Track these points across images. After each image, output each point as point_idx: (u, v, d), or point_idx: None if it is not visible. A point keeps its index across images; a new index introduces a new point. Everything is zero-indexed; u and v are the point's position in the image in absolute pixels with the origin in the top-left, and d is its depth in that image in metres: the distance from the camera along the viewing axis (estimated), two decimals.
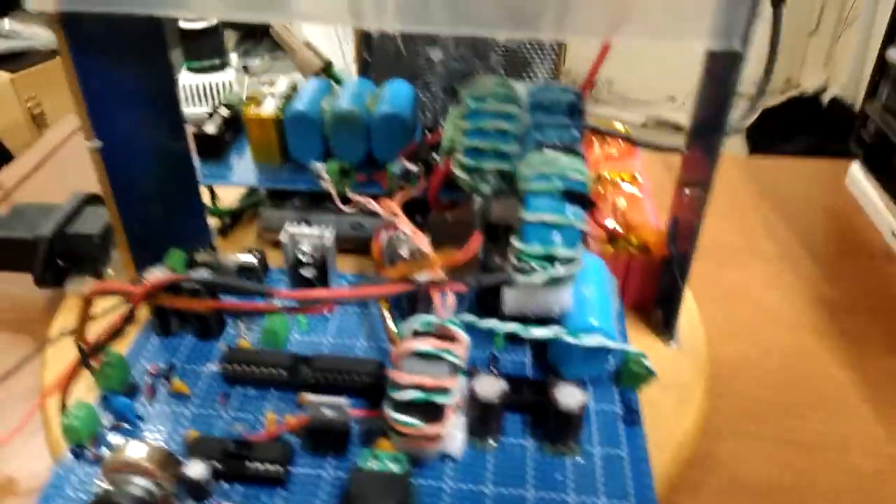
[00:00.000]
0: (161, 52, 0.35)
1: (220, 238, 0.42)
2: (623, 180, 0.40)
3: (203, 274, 0.31)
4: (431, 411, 0.26)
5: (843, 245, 0.47)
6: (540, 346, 0.34)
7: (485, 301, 0.34)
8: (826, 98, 2.02)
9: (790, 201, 0.51)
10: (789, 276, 0.44)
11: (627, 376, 0.31)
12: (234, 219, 0.43)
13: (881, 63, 1.61)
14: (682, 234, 0.34)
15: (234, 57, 1.60)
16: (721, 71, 0.29)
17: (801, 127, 1.78)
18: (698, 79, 0.32)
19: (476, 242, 0.30)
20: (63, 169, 0.56)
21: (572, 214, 0.28)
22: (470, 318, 0.30)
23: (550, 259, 0.28)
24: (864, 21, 1.87)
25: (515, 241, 0.29)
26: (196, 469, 0.26)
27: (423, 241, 0.31)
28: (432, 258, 0.29)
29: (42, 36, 1.73)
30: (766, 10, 0.28)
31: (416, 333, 0.27)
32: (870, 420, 0.34)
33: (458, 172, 0.32)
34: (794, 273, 0.44)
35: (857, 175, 0.52)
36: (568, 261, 0.28)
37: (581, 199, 0.28)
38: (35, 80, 1.40)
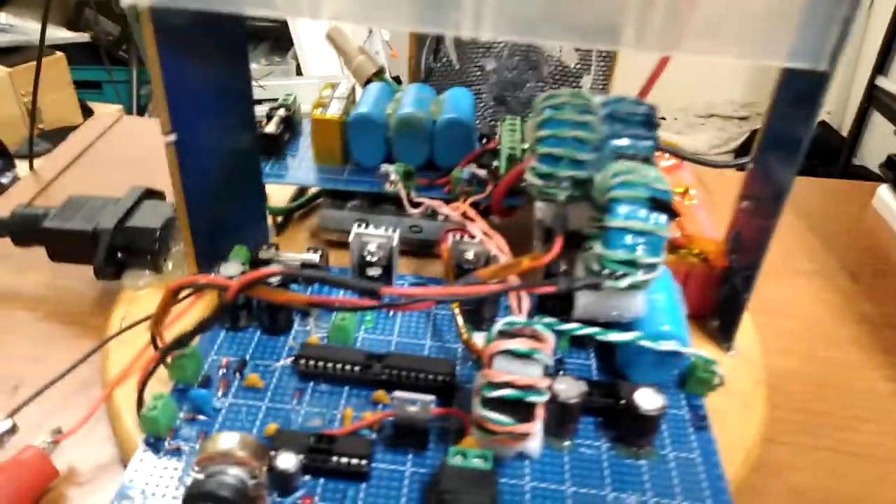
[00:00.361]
0: (241, 52, 0.35)
1: (275, 237, 0.43)
2: (677, 193, 0.41)
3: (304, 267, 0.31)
4: (521, 410, 0.26)
5: (877, 264, 0.48)
6: (605, 351, 0.34)
7: (544, 305, 0.34)
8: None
9: (822, 221, 0.53)
10: (830, 292, 0.45)
11: (695, 382, 0.32)
12: (286, 218, 0.44)
13: (871, 90, 1.63)
14: (746, 246, 0.34)
15: None
16: (801, 90, 0.30)
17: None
18: (771, 91, 0.33)
19: (559, 245, 0.31)
20: (99, 164, 0.56)
21: (656, 222, 0.29)
22: (548, 320, 0.31)
23: (633, 265, 0.29)
24: (851, 49, 1.92)
25: (598, 247, 0.29)
26: (286, 460, 0.26)
27: (501, 243, 0.31)
28: (522, 260, 0.29)
29: (38, 31, 1.71)
30: None
31: (502, 334, 0.28)
32: None
33: (531, 178, 0.33)
34: (834, 290, 0.45)
35: (885, 197, 0.54)
36: (650, 267, 0.29)
37: (665, 207, 0.29)
38: (32, 75, 1.39)
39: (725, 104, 2.24)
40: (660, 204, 0.29)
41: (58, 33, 1.75)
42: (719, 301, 0.36)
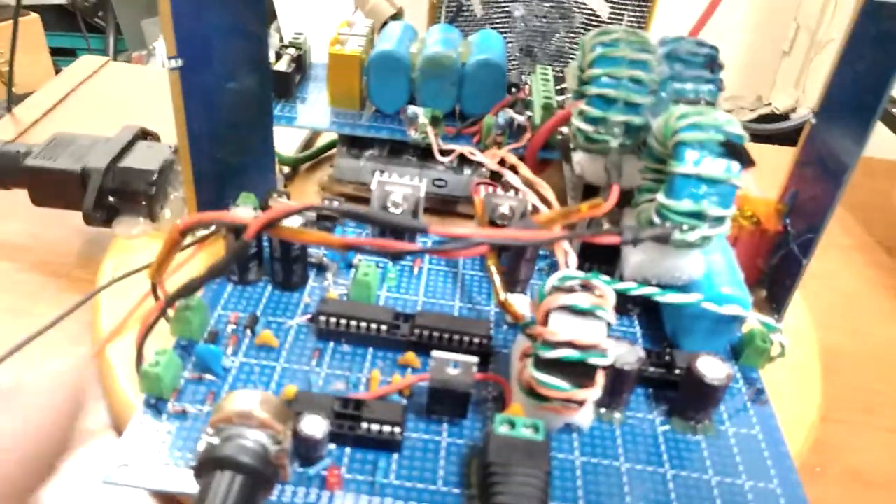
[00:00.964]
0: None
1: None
2: None
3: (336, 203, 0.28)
4: (582, 373, 0.23)
5: None
6: (651, 317, 0.31)
7: (582, 267, 0.31)
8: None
9: (852, 195, 0.50)
10: (869, 266, 0.42)
11: (751, 352, 0.29)
12: (294, 169, 0.40)
13: None
14: (806, 210, 0.32)
15: None
16: (885, 30, 0.27)
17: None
18: (842, 39, 0.30)
19: (615, 193, 0.28)
20: (85, 108, 0.52)
21: (728, 169, 0.25)
22: (602, 278, 0.28)
23: (699, 217, 0.26)
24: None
25: (661, 197, 0.26)
26: (313, 425, 0.23)
27: (547, 192, 0.28)
28: (581, 207, 0.26)
29: None
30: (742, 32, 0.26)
31: (557, 289, 0.25)
32: None
33: (579, 123, 0.30)
34: (873, 265, 0.43)
35: None
36: (718, 221, 0.26)
37: (740, 153, 0.25)
38: (4, 36, 1.32)
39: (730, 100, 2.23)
40: (734, 149, 0.26)
41: None
42: (770, 269, 0.34)
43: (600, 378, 0.24)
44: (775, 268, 0.33)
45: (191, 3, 0.28)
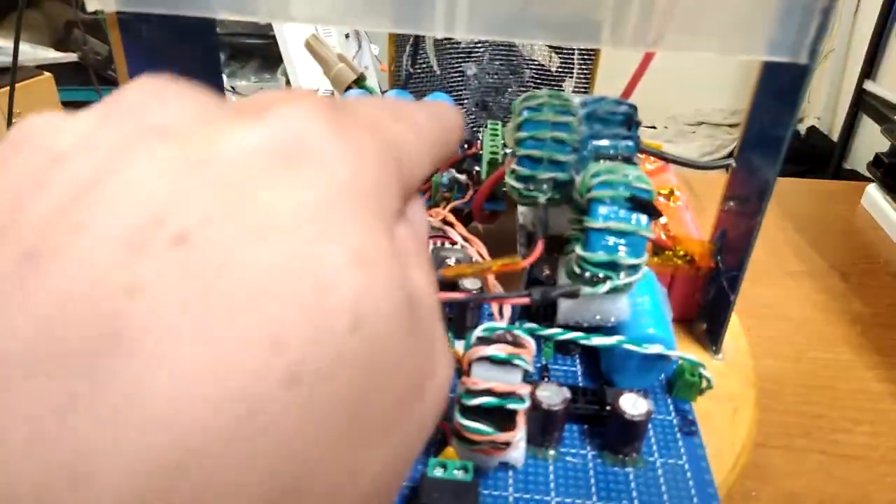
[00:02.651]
0: (213, 62, 0.35)
1: None
2: (661, 195, 0.40)
3: None
4: (502, 418, 0.25)
5: (867, 263, 0.48)
6: (590, 357, 0.33)
7: (527, 311, 0.33)
8: (803, 127, 2.08)
9: (809, 221, 0.52)
10: (820, 293, 0.44)
11: (682, 386, 0.31)
12: None
13: (859, 94, 1.65)
14: (732, 247, 0.34)
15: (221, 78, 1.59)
16: (782, 85, 0.29)
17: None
18: (751, 92, 0.32)
19: (540, 247, 0.30)
20: None
21: (637, 222, 0.28)
22: (530, 325, 0.30)
23: (614, 267, 0.28)
24: (839, 54, 1.93)
25: (578, 249, 0.29)
26: None
27: (481, 248, 0.30)
28: (493, 262, 0.29)
29: (27, 52, 1.71)
30: None
31: (481, 340, 0.27)
32: None
33: (511, 181, 0.32)
34: (824, 290, 0.44)
35: (874, 196, 0.53)
36: (633, 269, 0.28)
37: (647, 206, 0.28)
38: (20, 96, 1.38)
39: (714, 112, 2.25)
40: (641, 203, 0.28)
41: (46, 54, 1.75)
42: (706, 303, 0.36)
43: (521, 421, 0.26)
44: (711, 303, 0.35)
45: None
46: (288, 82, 1.80)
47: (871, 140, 1.68)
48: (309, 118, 0.11)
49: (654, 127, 2.27)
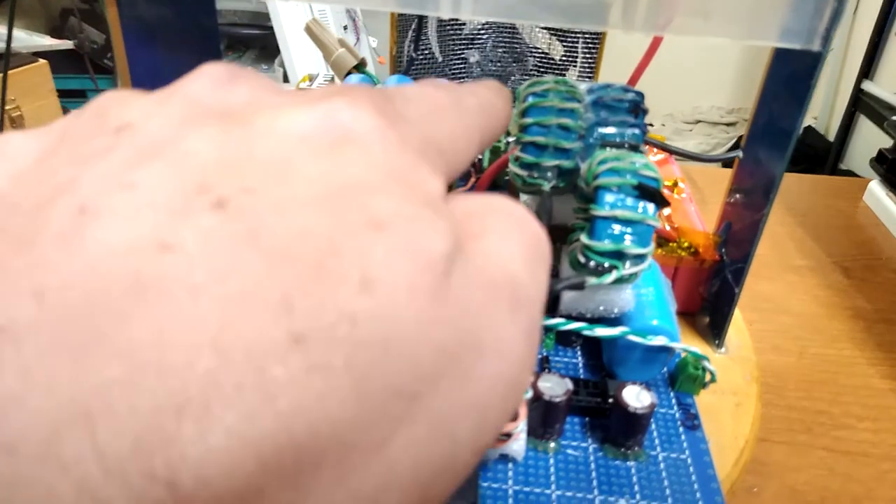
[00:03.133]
0: (212, 43, 0.34)
1: None
2: (666, 187, 0.39)
3: None
4: None
5: (869, 259, 0.47)
6: (592, 348, 0.33)
7: None
8: (800, 127, 2.08)
9: (812, 216, 0.52)
10: (822, 288, 0.44)
11: (685, 380, 0.31)
12: None
13: (857, 95, 1.65)
14: (737, 240, 0.33)
15: None
16: (793, 72, 0.29)
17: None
18: (760, 81, 0.32)
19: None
20: None
21: (644, 210, 0.27)
22: None
23: (620, 256, 0.28)
24: (837, 54, 1.93)
25: (583, 238, 0.28)
26: None
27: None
28: None
29: (23, 39, 1.70)
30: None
31: None
32: None
33: (515, 169, 0.32)
34: (826, 286, 0.44)
35: (876, 192, 0.53)
36: (639, 259, 0.28)
37: (654, 195, 0.27)
38: (14, 83, 1.37)
39: (712, 110, 2.25)
40: (648, 192, 0.27)
41: (41, 41, 1.73)
42: (709, 296, 0.35)
43: (522, 412, 0.25)
44: (714, 296, 0.35)
45: (149, 69, 0.30)
46: (285, 73, 1.79)
47: (868, 140, 1.68)
48: (359, 109, 0.11)
49: (651, 124, 2.27)
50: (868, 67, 1.64)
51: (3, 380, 0.08)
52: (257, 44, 1.91)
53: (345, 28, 1.63)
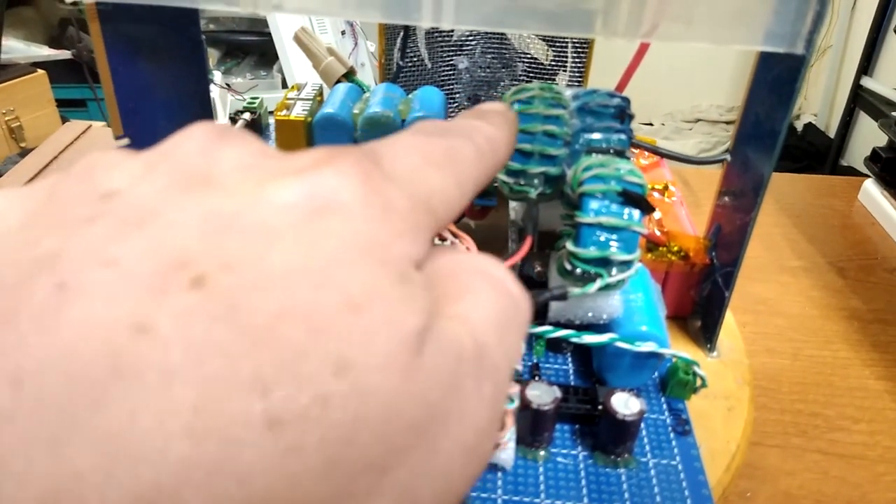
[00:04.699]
0: (197, 56, 0.34)
1: None
2: (656, 190, 0.39)
3: None
4: None
5: (864, 259, 0.47)
6: (582, 355, 0.33)
7: None
8: (800, 124, 2.07)
9: (806, 216, 0.51)
10: (817, 289, 0.43)
11: (675, 385, 0.31)
12: None
13: (856, 91, 1.65)
14: (727, 243, 0.33)
15: (216, 74, 1.58)
16: (778, 75, 0.29)
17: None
18: (746, 84, 0.32)
19: (527, 245, 0.29)
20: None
21: (629, 217, 0.27)
22: None
23: (605, 263, 0.27)
24: (836, 50, 1.93)
25: (569, 245, 0.28)
26: None
27: (470, 244, 0.30)
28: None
29: (21, 49, 1.70)
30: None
31: None
32: None
33: (501, 176, 0.31)
34: (821, 286, 0.44)
35: (871, 191, 0.52)
36: (624, 265, 0.28)
37: (639, 201, 0.27)
38: (13, 93, 1.38)
39: (711, 109, 2.24)
40: (632, 198, 0.27)
41: (40, 51, 1.74)
42: (701, 300, 0.35)
43: (510, 421, 0.25)
44: (705, 299, 0.35)
45: (134, 83, 0.30)
46: (283, 79, 1.79)
47: (868, 136, 1.68)
48: (344, 176, 0.11)
49: (650, 124, 2.27)
50: (867, 63, 1.64)
51: None
52: (256, 50, 1.91)
53: (342, 33, 1.63)
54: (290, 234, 0.10)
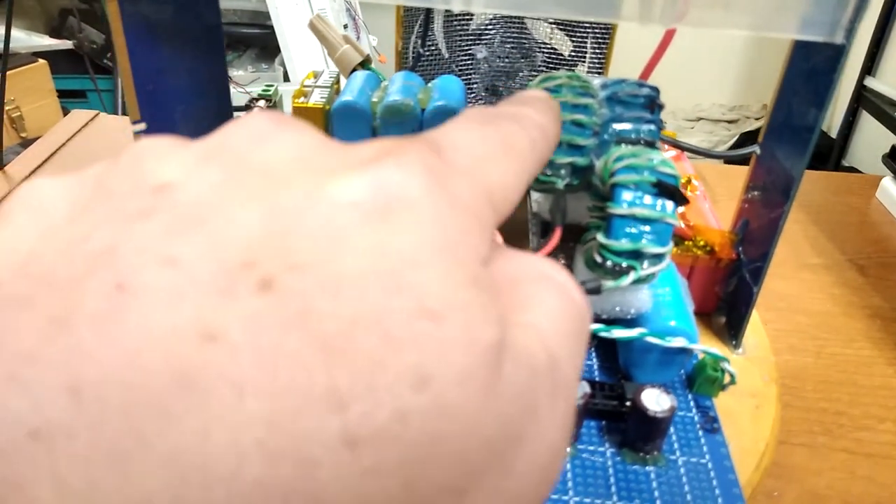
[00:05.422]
0: (215, 40, 0.33)
1: None
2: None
3: None
4: None
5: (884, 257, 0.46)
6: (607, 350, 0.32)
7: None
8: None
9: (825, 213, 0.51)
10: (838, 287, 0.43)
11: (703, 381, 0.30)
12: None
13: (859, 91, 1.64)
14: (755, 238, 0.33)
15: None
16: (815, 66, 0.28)
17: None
18: (779, 75, 0.31)
19: (557, 237, 0.29)
20: (73, 163, 0.54)
21: (663, 208, 0.27)
22: None
23: (637, 256, 0.27)
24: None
25: (600, 237, 0.27)
26: None
27: (496, 237, 0.29)
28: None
29: (22, 39, 1.69)
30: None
31: None
32: None
33: None
34: (842, 284, 0.43)
35: (890, 189, 0.52)
36: (657, 258, 0.27)
37: (673, 192, 0.27)
38: (14, 83, 1.36)
39: (714, 108, 2.24)
40: (666, 189, 0.27)
41: (41, 41, 1.73)
42: (726, 296, 0.34)
43: None
44: (731, 295, 0.34)
45: (152, 67, 0.30)
46: (286, 72, 1.78)
47: (871, 137, 1.67)
48: (409, 171, 0.11)
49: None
50: (870, 63, 1.63)
51: (34, 490, 0.08)
52: (257, 43, 1.90)
53: (345, 27, 1.62)
54: (358, 233, 0.10)
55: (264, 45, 1.92)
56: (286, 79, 1.74)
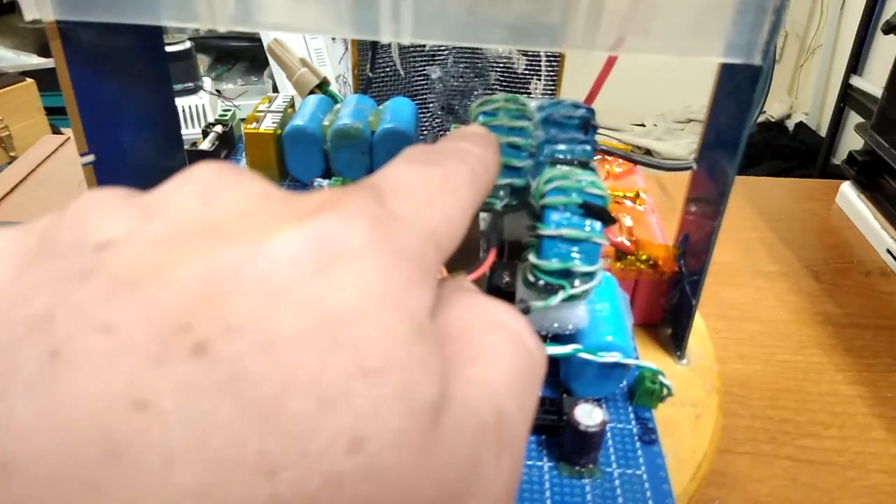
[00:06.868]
0: (162, 70, 0.34)
1: None
2: (627, 198, 0.39)
3: None
4: None
5: (839, 263, 0.47)
6: (550, 365, 0.33)
7: None
8: (791, 123, 2.08)
9: (784, 220, 0.52)
10: (792, 293, 0.44)
11: (642, 394, 0.31)
12: None
13: (846, 90, 1.65)
14: (694, 251, 0.33)
15: (207, 81, 1.58)
16: (738, 85, 0.29)
17: (769, 151, 1.82)
18: (710, 94, 0.32)
19: (491, 258, 0.29)
20: (45, 187, 0.55)
21: (591, 229, 0.27)
22: None
23: (568, 275, 0.28)
24: (825, 51, 1.93)
25: (531, 257, 0.28)
26: None
27: (440, 271, 0.30)
28: (444, 276, 0.28)
29: (10, 58, 1.70)
30: None
31: None
32: (883, 437, 0.34)
33: None
34: (796, 291, 0.44)
35: (848, 194, 0.53)
36: (587, 276, 0.28)
37: (600, 213, 0.27)
38: (2, 102, 1.37)
39: (703, 110, 2.24)
40: (593, 210, 0.27)
41: (28, 59, 1.73)
42: (670, 308, 0.35)
43: None
44: (675, 307, 0.35)
45: (98, 100, 0.30)
46: (274, 85, 1.79)
47: (858, 136, 1.68)
48: (351, 222, 0.11)
49: (643, 125, 2.27)
50: (856, 62, 1.64)
51: None
52: (246, 56, 1.92)
53: (332, 39, 1.63)
54: (296, 290, 0.10)
55: (253, 58, 1.93)
56: (275, 89, 1.75)
